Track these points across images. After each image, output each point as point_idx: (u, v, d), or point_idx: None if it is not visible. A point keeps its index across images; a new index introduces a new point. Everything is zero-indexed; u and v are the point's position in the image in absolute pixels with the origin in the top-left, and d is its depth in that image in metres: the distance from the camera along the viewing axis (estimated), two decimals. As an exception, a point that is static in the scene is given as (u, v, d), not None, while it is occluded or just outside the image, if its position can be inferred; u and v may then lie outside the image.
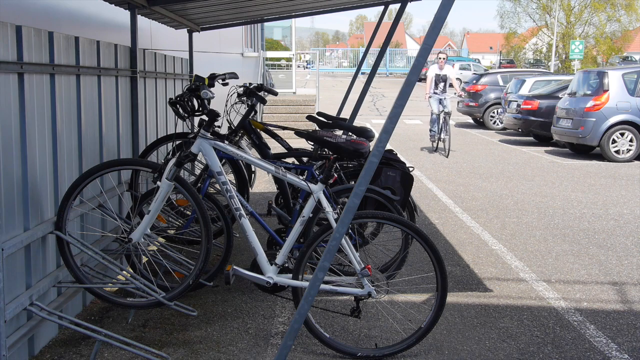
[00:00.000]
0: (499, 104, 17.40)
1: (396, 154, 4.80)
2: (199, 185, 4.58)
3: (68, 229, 3.51)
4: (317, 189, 3.51)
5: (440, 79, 12.20)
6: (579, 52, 32.90)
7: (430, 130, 12.62)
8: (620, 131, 11.36)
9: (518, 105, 14.42)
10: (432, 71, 12.27)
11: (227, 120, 4.87)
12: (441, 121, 12.15)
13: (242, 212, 3.61)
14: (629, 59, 41.22)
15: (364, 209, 4.29)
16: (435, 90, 12.20)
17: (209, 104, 3.71)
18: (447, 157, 11.88)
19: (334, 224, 3.43)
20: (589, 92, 11.82)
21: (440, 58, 12.23)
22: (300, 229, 3.59)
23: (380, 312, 4.08)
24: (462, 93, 13.29)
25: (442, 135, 12.22)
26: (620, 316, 4.16)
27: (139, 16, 5.09)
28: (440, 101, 12.15)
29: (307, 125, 13.20)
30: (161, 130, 5.90)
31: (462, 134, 16.51)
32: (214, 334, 3.79)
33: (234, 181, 4.87)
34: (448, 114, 12.12)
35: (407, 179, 4.53)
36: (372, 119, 20.08)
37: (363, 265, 3.43)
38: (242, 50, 15.09)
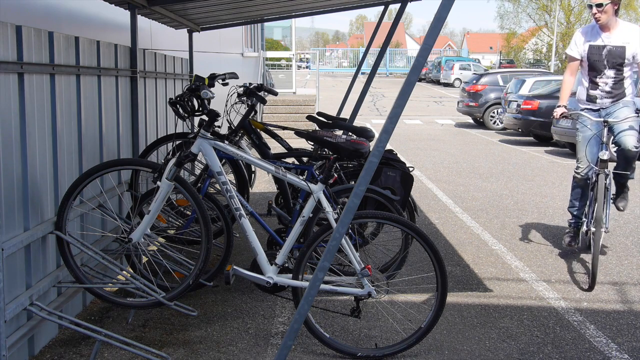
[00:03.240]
0: (499, 104, 17.41)
1: (396, 154, 4.80)
2: (199, 185, 4.58)
3: (68, 229, 3.51)
4: (317, 189, 3.51)
5: (607, 60, 4.93)
6: (579, 52, 32.87)
7: (573, 215, 5.32)
8: (620, 131, 11.34)
9: (518, 105, 14.42)
10: (578, 42, 5.08)
11: (227, 120, 4.87)
12: (600, 185, 4.73)
13: (242, 212, 3.61)
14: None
15: (364, 209, 4.29)
16: (593, 91, 5.02)
17: (209, 104, 3.71)
18: (588, 288, 4.66)
19: (334, 224, 3.43)
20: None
21: (594, 5, 4.83)
22: (300, 229, 3.59)
23: (380, 312, 4.08)
24: None
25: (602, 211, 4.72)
26: (620, 316, 4.16)
27: (139, 16, 5.10)
28: (610, 130, 4.87)
29: (307, 125, 13.20)
30: (161, 130, 5.90)
31: (462, 134, 16.51)
32: (214, 334, 3.79)
33: (234, 181, 4.87)
34: (629, 159, 4.89)
35: (407, 179, 4.53)
36: (372, 119, 20.08)
37: (363, 265, 3.43)
38: (242, 50, 15.09)
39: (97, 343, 3.24)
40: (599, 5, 4.82)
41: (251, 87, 5.10)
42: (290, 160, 4.81)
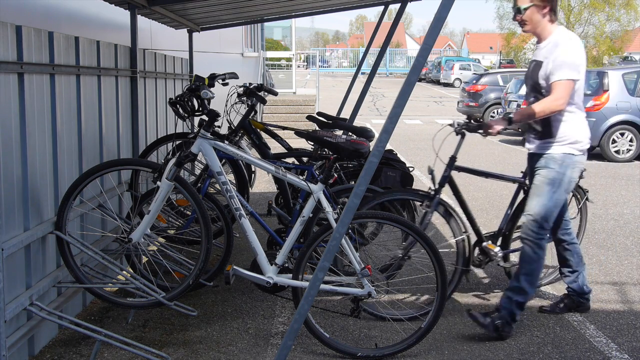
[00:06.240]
0: (499, 104, 17.41)
1: (396, 154, 4.80)
2: (199, 185, 4.58)
3: (68, 229, 3.51)
4: (317, 189, 3.51)
5: (527, 81, 3.86)
6: (579, 52, 32.88)
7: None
8: (620, 131, 11.37)
9: (518, 105, 14.41)
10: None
11: (227, 120, 4.87)
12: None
13: (242, 212, 3.61)
14: (629, 59, 41.20)
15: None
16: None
17: (209, 104, 3.71)
18: None
19: (334, 224, 3.42)
20: (588, 92, 11.82)
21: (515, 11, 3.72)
22: (300, 229, 3.59)
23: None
24: None
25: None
26: (620, 316, 4.16)
27: (139, 16, 5.09)
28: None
29: (307, 125, 13.20)
30: (161, 130, 5.90)
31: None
32: (214, 334, 3.78)
33: (234, 181, 4.87)
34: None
35: (407, 179, 4.54)
36: (372, 119, 20.07)
37: (363, 265, 3.43)
38: (242, 50, 15.08)
39: (97, 343, 3.24)
40: (518, 11, 3.67)
41: (251, 87, 5.10)
42: (290, 160, 4.81)
